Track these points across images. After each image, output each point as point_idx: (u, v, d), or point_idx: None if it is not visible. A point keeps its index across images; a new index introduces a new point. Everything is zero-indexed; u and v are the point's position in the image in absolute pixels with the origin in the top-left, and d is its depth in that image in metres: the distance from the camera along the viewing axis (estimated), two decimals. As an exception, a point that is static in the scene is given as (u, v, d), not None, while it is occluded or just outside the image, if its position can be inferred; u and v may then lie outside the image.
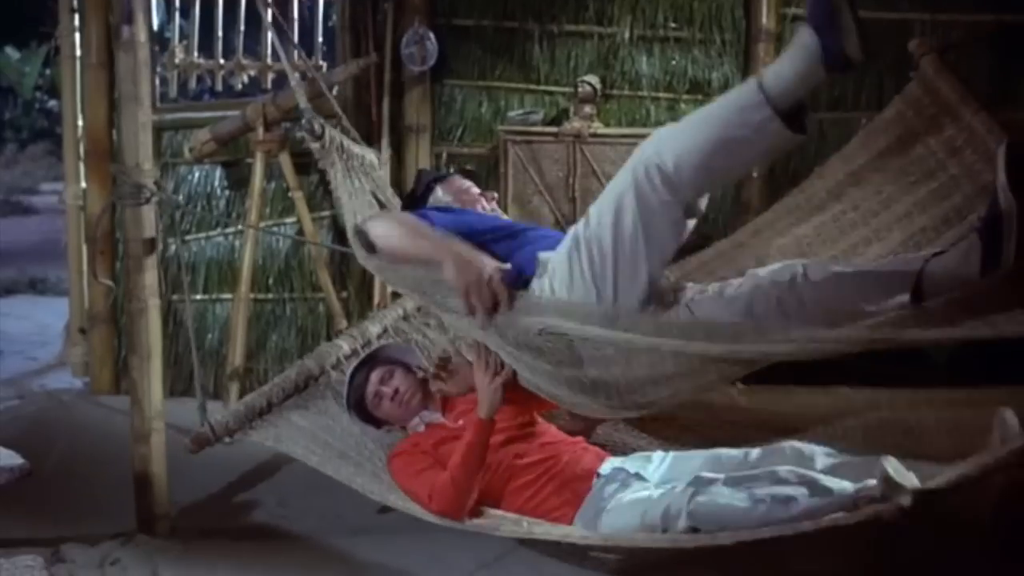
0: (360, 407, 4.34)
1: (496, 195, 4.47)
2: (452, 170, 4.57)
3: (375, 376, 4.32)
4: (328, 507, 4.88)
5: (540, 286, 3.53)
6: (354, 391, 4.34)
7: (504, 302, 3.42)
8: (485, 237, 3.74)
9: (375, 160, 4.79)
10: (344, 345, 4.64)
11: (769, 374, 4.13)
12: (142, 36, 4.50)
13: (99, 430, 5.90)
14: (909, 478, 2.97)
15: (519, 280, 3.55)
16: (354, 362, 4.46)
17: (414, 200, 4.38)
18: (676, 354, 3.20)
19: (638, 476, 3.84)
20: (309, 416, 4.41)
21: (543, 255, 3.58)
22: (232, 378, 5.86)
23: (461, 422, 4.10)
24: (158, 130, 4.79)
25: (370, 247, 3.76)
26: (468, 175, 4.54)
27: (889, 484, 3.01)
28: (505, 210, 5.78)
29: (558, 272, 3.48)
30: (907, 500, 2.78)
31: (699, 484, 3.54)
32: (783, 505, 3.33)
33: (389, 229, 3.74)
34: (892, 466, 3.05)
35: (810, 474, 3.45)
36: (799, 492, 3.36)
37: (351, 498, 4.36)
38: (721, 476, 3.56)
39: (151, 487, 4.65)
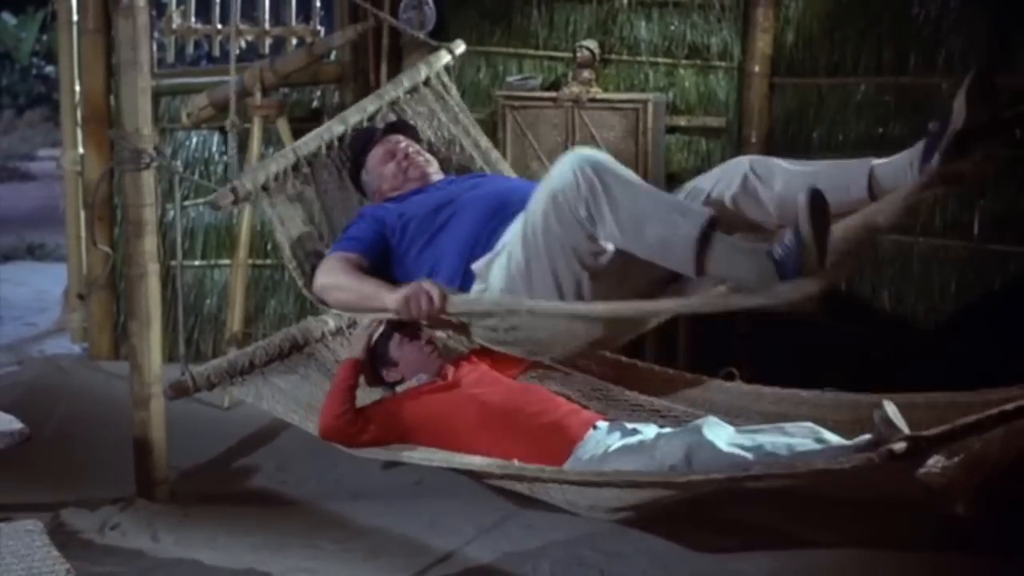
0: (383, 352, 4.31)
1: (411, 149, 4.43)
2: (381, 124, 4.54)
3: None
4: (327, 472, 4.89)
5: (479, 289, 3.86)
6: (382, 341, 4.33)
7: (438, 303, 3.70)
8: (404, 251, 4.09)
9: (435, 69, 4.74)
10: (330, 321, 4.65)
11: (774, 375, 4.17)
12: (141, 1, 4.49)
13: (98, 395, 5.92)
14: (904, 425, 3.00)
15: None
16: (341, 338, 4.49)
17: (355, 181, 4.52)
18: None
19: (635, 431, 3.84)
20: (292, 380, 4.42)
21: (476, 266, 3.87)
22: (231, 343, 5.86)
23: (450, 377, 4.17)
24: (155, 96, 4.78)
25: (321, 300, 4.14)
26: (394, 129, 4.51)
27: (887, 425, 3.01)
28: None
29: (496, 278, 3.78)
30: (901, 446, 2.77)
31: (707, 424, 3.57)
32: (783, 449, 3.35)
33: (330, 284, 4.05)
34: (891, 409, 3.06)
35: (815, 427, 3.48)
36: (801, 441, 3.39)
37: (350, 463, 4.39)
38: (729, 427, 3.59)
39: (151, 452, 4.67)
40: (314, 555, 4.25)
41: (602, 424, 3.95)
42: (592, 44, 6.01)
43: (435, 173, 4.38)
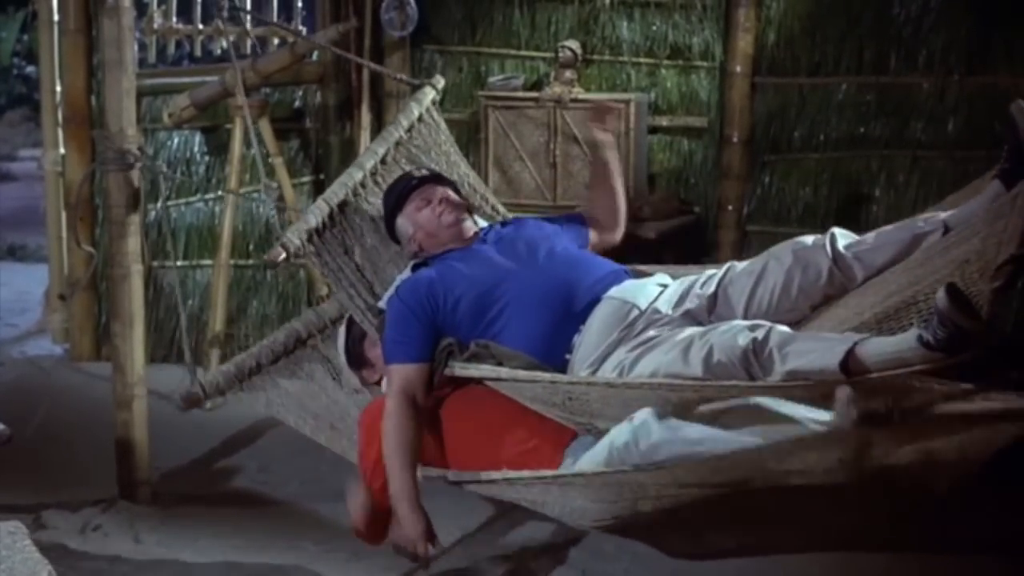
0: (358, 352, 4.32)
1: (448, 196, 4.21)
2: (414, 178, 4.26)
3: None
4: (309, 472, 4.89)
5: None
6: (354, 344, 4.34)
7: (422, 563, 3.76)
8: (453, 329, 3.87)
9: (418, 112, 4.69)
10: (331, 310, 4.64)
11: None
12: (126, 1, 4.48)
13: (80, 397, 5.90)
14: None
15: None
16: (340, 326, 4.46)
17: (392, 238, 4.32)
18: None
19: None
20: (297, 383, 4.40)
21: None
22: (213, 344, 5.85)
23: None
24: (137, 96, 4.76)
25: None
26: (430, 179, 4.28)
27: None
28: (485, 177, 5.75)
29: None
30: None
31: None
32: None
33: (387, 428, 3.80)
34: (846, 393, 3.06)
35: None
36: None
37: (332, 462, 4.38)
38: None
39: (133, 453, 4.66)
40: (297, 556, 4.24)
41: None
42: (574, 44, 6.03)
43: (470, 225, 4.20)
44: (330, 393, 4.42)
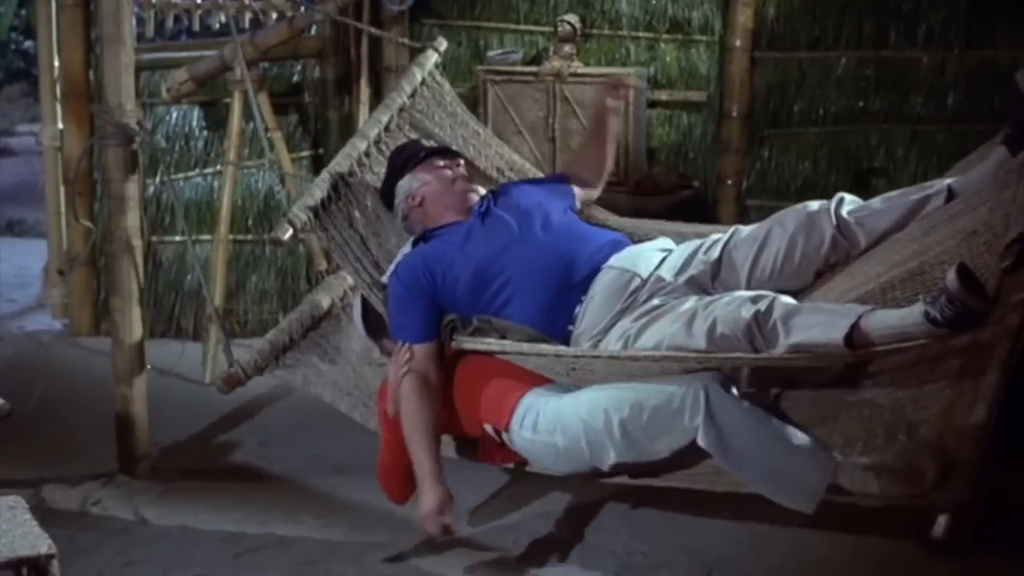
0: (374, 319, 4.33)
1: (462, 168, 4.33)
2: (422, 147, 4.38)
3: None
4: (310, 447, 4.89)
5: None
6: (368, 312, 4.34)
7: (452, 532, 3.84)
8: (453, 304, 3.95)
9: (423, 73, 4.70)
10: (348, 278, 4.63)
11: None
12: (125, -25, 4.48)
13: (79, 372, 5.90)
14: None
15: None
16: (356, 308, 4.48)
17: (387, 199, 4.37)
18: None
19: None
20: (327, 361, 4.43)
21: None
22: (211, 319, 5.85)
23: None
24: (136, 70, 4.74)
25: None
26: (443, 151, 4.38)
27: None
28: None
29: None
30: None
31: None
32: None
33: (403, 407, 3.89)
34: None
35: None
36: None
37: (333, 437, 4.39)
38: None
39: (132, 428, 4.66)
40: (296, 530, 4.24)
41: None
42: (573, 18, 6.01)
43: (475, 197, 4.23)
44: (356, 368, 4.45)
